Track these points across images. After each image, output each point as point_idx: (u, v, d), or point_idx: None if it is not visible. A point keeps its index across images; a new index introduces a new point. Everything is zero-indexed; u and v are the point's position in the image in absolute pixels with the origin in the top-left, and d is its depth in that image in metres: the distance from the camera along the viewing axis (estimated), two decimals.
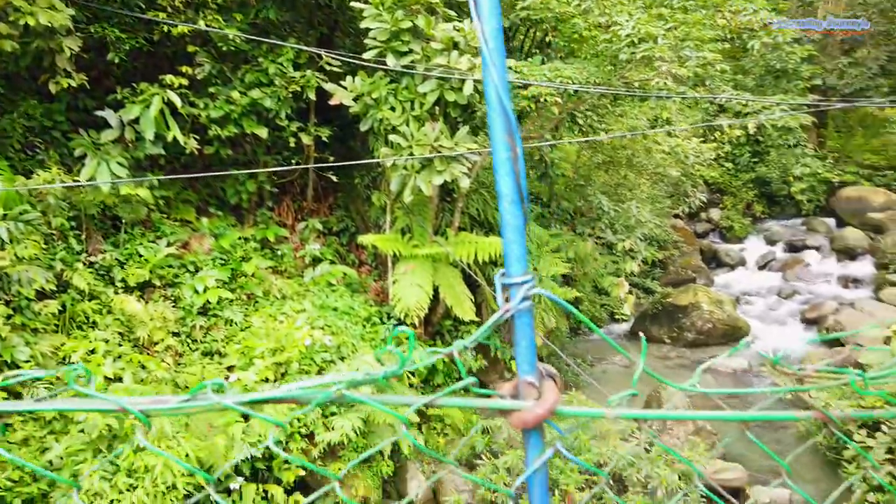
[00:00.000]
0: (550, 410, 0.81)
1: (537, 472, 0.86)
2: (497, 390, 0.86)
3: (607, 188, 12.57)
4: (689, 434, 7.51)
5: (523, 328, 0.84)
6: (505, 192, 0.82)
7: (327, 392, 0.76)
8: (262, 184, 8.37)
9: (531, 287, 0.83)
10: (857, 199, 15.34)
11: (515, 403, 0.84)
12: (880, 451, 6.42)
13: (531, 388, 0.84)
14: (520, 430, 0.85)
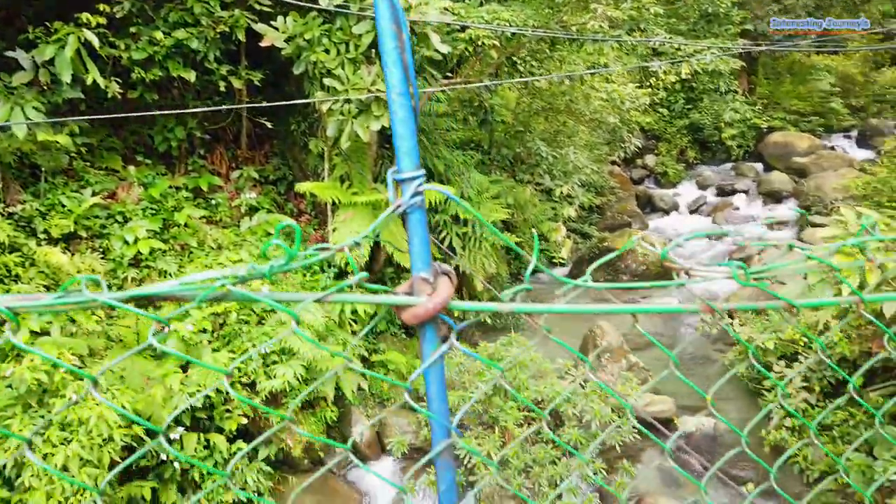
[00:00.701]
0: (442, 304, 0.83)
1: (433, 367, 0.89)
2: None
3: (546, 135, 12.65)
4: (622, 370, 7.85)
5: (416, 225, 0.85)
6: (393, 84, 0.82)
7: (211, 288, 0.75)
8: (191, 130, 8.05)
9: (422, 183, 0.83)
10: (783, 145, 15.95)
11: (408, 299, 0.85)
12: (797, 380, 6.88)
13: (425, 284, 0.85)
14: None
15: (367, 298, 0.85)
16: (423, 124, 9.43)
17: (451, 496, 0.88)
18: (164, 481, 5.29)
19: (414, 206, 0.83)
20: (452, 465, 0.89)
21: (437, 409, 0.91)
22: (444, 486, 0.87)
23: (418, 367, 4.21)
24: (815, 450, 6.25)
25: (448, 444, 0.90)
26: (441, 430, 0.91)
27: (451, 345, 0.90)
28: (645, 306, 0.95)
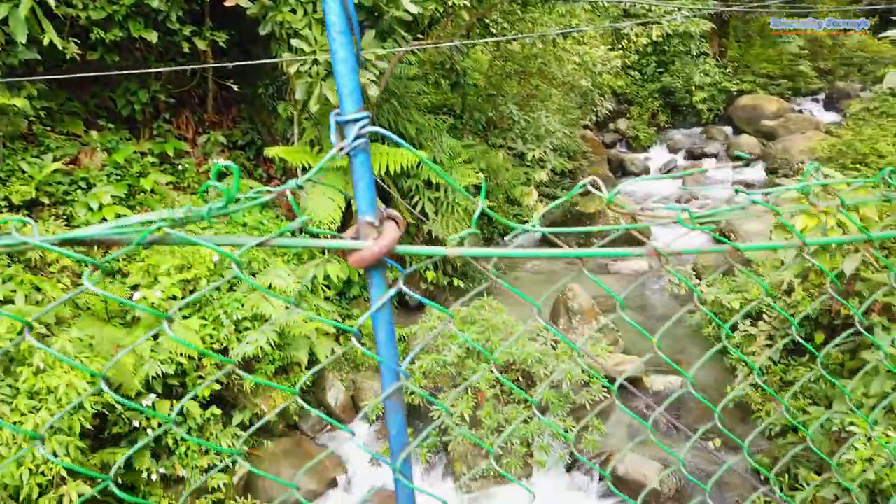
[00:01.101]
0: (387, 248, 0.83)
1: (381, 311, 0.90)
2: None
3: (519, 99, 12.58)
4: (592, 331, 7.98)
5: (360, 168, 0.85)
6: (333, 21, 0.80)
7: (147, 230, 0.75)
8: (156, 94, 7.84)
9: (365, 124, 0.83)
10: (752, 108, 16.09)
11: (353, 243, 0.86)
12: (761, 338, 7.07)
13: (371, 228, 0.86)
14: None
15: (311, 243, 0.85)
16: (394, 87, 9.30)
17: (401, 439, 0.90)
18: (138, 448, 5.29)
19: (358, 148, 0.83)
20: (402, 408, 0.91)
21: (385, 354, 0.92)
22: (395, 429, 0.89)
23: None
24: (777, 405, 6.46)
25: (397, 387, 0.92)
26: (390, 374, 0.92)
27: (398, 289, 0.90)
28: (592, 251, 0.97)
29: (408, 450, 0.91)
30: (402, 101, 9.42)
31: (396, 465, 0.91)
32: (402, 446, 0.90)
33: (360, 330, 3.58)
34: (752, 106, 16.18)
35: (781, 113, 15.64)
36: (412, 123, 9.36)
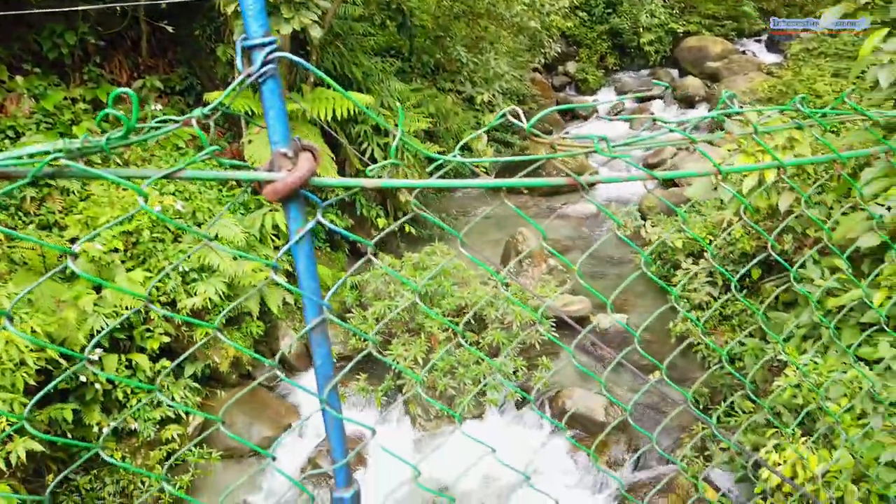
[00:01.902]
0: (302, 179, 0.83)
1: (300, 245, 0.90)
2: None
3: (468, 41, 12.36)
4: (542, 273, 8.14)
5: (269, 96, 0.83)
6: None
7: (43, 162, 0.73)
8: (84, 36, 7.41)
9: (273, 49, 0.81)
10: (697, 49, 16.22)
11: (267, 175, 0.85)
12: (703, 276, 7.33)
13: (285, 160, 0.85)
14: None
15: (224, 174, 0.84)
16: (339, 28, 9.02)
17: (326, 371, 0.91)
18: (87, 403, 5.22)
19: (266, 75, 0.80)
20: (326, 340, 0.92)
21: (306, 287, 0.93)
22: (320, 360, 0.90)
23: (340, 278, 4.30)
24: (716, 338, 6.77)
25: (320, 320, 0.93)
26: (312, 307, 0.93)
27: (316, 221, 0.90)
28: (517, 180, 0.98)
29: (333, 381, 0.93)
30: (347, 43, 9.15)
31: (323, 395, 0.93)
32: (327, 378, 0.92)
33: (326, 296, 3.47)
34: (697, 48, 16.31)
35: (725, 54, 15.82)
36: (358, 67, 9.13)
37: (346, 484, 0.98)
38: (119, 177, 0.76)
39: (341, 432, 0.96)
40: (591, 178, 1.05)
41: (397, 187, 0.96)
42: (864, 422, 3.82)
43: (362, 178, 0.89)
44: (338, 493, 0.97)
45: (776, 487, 3.76)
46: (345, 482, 0.98)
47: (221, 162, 0.82)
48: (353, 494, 0.97)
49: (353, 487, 0.98)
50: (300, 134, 7.72)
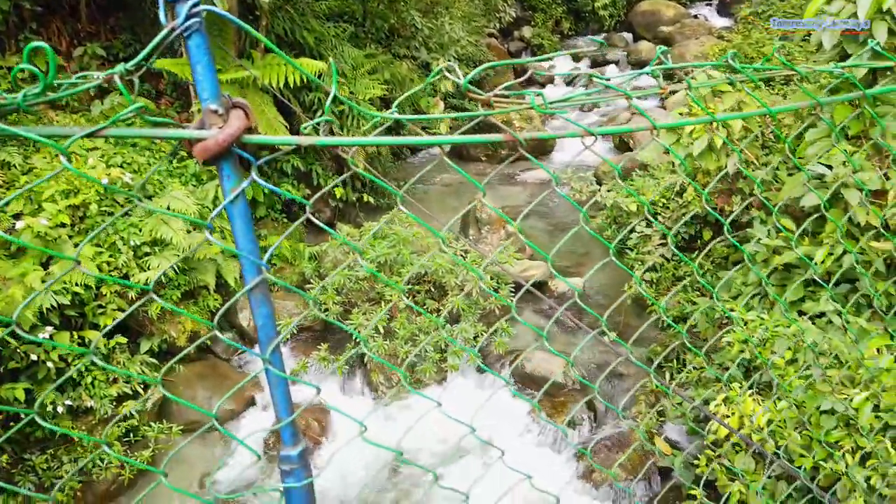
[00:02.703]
0: (232, 137, 0.82)
1: (235, 204, 0.89)
2: None
3: (422, 4, 12.17)
4: (500, 240, 8.20)
5: (196, 51, 0.81)
6: None
7: None
8: (19, 1, 7.05)
9: (198, 3, 0.79)
10: (651, 14, 16.31)
11: (197, 132, 0.83)
12: (655, 238, 7.49)
13: (215, 117, 0.83)
14: None
15: (150, 132, 0.82)
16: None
17: (268, 331, 0.91)
18: (39, 381, 5.11)
19: (191, 29, 0.78)
20: (267, 300, 0.92)
21: (244, 247, 0.93)
22: (261, 320, 0.90)
23: (298, 250, 4.23)
24: (669, 298, 6.95)
25: (260, 279, 0.93)
26: (251, 268, 0.93)
27: (251, 180, 0.89)
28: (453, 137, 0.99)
29: (276, 341, 0.93)
30: (298, 7, 8.92)
31: (266, 355, 0.93)
32: (269, 338, 0.92)
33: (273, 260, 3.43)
34: (650, 12, 16.40)
35: (678, 18, 15.95)
36: (310, 32, 8.92)
37: (292, 442, 0.99)
38: (40, 135, 0.73)
39: (285, 391, 0.97)
40: (527, 135, 1.06)
41: (333, 145, 0.95)
42: (806, 373, 4.00)
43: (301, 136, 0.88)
44: (285, 451, 0.98)
45: (725, 438, 3.92)
46: (291, 440, 0.99)
47: (148, 119, 0.80)
48: (300, 452, 0.98)
49: (300, 445, 0.99)
50: (252, 102, 7.54)
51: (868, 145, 4.55)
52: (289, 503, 0.94)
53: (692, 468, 4.37)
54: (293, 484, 0.95)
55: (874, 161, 4.39)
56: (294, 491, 0.94)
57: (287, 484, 0.94)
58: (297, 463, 0.96)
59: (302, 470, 0.96)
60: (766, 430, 3.79)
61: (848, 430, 3.50)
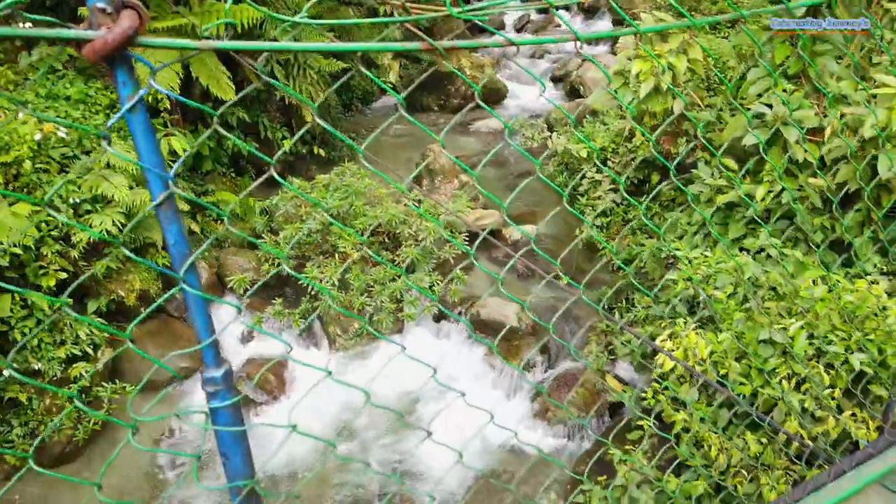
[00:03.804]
0: (124, 36, 0.78)
1: (135, 114, 0.86)
2: None
3: None
4: (454, 189, 8.19)
5: None
6: None
7: None
8: None
9: None
10: None
11: (85, 33, 0.80)
12: (606, 183, 7.58)
13: (104, 17, 0.80)
14: None
15: (33, 32, 0.78)
16: None
17: (181, 248, 0.89)
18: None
19: None
20: (176, 216, 0.90)
21: (147, 160, 0.90)
22: (173, 238, 0.88)
23: (248, 205, 4.12)
24: (619, 241, 7.09)
25: (167, 195, 0.90)
26: (157, 182, 0.90)
27: (149, 86, 0.86)
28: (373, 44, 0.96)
29: (191, 259, 0.91)
30: None
31: (180, 274, 0.91)
32: (183, 255, 0.90)
33: (220, 206, 3.39)
34: None
35: None
36: None
37: (215, 364, 0.98)
38: None
39: (204, 311, 0.95)
40: (447, 44, 1.04)
41: (235, 49, 0.92)
42: (746, 306, 4.16)
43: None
44: (208, 373, 0.97)
45: (670, 371, 4.07)
46: (214, 362, 0.98)
47: (30, 17, 0.75)
48: (224, 373, 0.97)
49: (224, 366, 0.98)
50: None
51: (807, 84, 4.66)
52: (216, 424, 0.94)
53: (640, 402, 4.53)
54: (219, 404, 0.94)
55: (812, 100, 4.50)
56: (221, 412, 0.94)
57: (213, 405, 0.94)
58: (222, 384, 0.96)
59: (227, 391, 0.96)
60: (708, 361, 3.95)
61: (784, 358, 3.67)
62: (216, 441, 0.97)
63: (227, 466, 0.99)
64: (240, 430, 0.95)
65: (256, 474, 1.00)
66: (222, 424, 0.94)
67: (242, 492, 0.99)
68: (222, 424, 0.94)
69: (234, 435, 0.95)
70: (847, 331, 3.68)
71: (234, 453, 0.97)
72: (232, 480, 0.99)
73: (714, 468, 3.74)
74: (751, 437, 3.73)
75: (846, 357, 3.60)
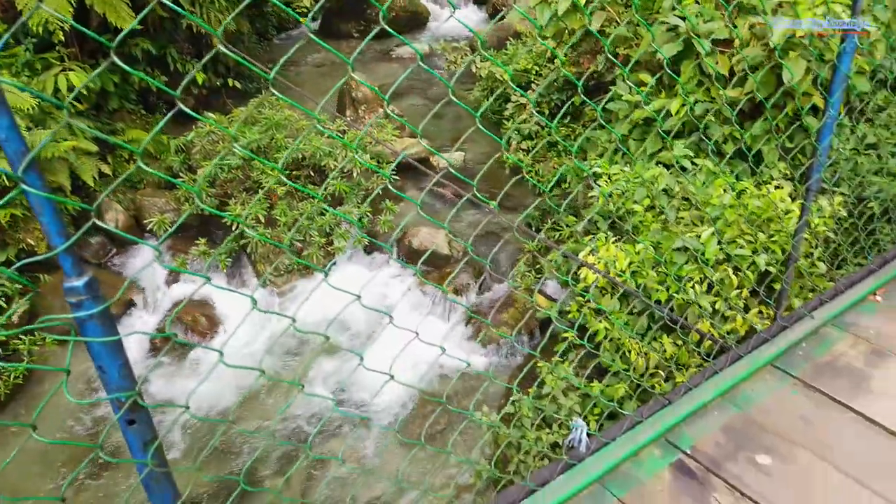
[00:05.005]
0: None
1: None
2: None
3: None
4: (379, 119, 8.01)
5: None
6: None
7: None
8: None
9: None
10: None
11: None
12: (530, 106, 7.57)
13: None
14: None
15: None
16: None
17: (14, 145, 0.82)
18: None
19: None
20: (4, 105, 0.82)
21: None
22: (4, 133, 0.81)
23: (164, 143, 3.88)
24: (544, 165, 7.16)
25: None
26: None
27: (37, 7, 0.77)
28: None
29: (29, 156, 0.84)
30: None
31: (18, 174, 0.84)
32: (18, 153, 0.83)
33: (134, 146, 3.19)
34: None
35: None
36: None
37: (75, 272, 0.93)
38: None
39: (53, 214, 0.90)
40: None
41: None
42: (662, 217, 4.30)
43: None
44: (68, 283, 0.92)
45: (593, 284, 4.20)
46: (73, 271, 0.93)
47: None
48: (86, 282, 0.93)
49: (85, 275, 0.93)
50: None
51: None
52: (85, 335, 0.89)
53: (566, 315, 4.69)
54: (83, 314, 0.90)
55: (722, 11, 4.55)
56: (88, 323, 0.90)
57: (78, 316, 0.89)
58: (85, 294, 0.91)
59: (92, 301, 0.91)
60: (627, 272, 4.09)
61: (697, 265, 3.84)
62: (89, 354, 0.93)
63: (104, 380, 0.96)
64: (111, 339, 0.91)
65: (137, 385, 0.97)
66: (91, 336, 0.90)
67: (124, 404, 0.96)
68: (91, 336, 0.90)
69: (107, 347, 0.91)
70: (753, 234, 3.87)
71: (110, 366, 0.94)
72: (111, 393, 0.95)
73: (634, 371, 3.94)
74: (667, 340, 3.93)
75: (752, 259, 3.80)
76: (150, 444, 1.07)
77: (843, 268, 4.22)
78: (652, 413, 1.98)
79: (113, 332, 0.92)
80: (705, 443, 1.97)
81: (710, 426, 2.03)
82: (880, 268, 2.61)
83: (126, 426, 1.02)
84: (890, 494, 1.83)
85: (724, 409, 2.08)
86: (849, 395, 2.11)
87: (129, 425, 1.02)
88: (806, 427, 2.02)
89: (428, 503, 4.45)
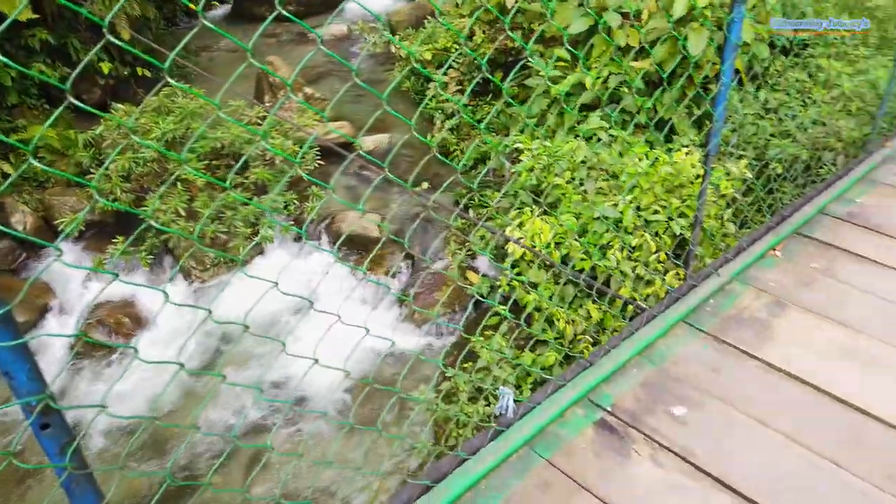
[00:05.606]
0: None
1: None
2: None
3: None
4: (299, 102, 7.87)
5: None
6: None
7: None
8: None
9: None
10: None
11: None
12: (452, 85, 7.60)
13: None
14: None
15: None
16: None
17: None
18: None
19: None
20: None
21: None
22: None
23: (70, 138, 3.72)
24: (469, 142, 7.22)
25: None
26: None
27: None
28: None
29: None
30: None
31: None
32: None
33: (38, 143, 3.01)
34: None
35: None
36: None
37: None
38: None
39: None
40: None
41: None
42: (583, 188, 4.43)
43: None
44: None
45: (520, 258, 4.31)
46: None
47: None
48: None
49: None
50: None
51: None
52: None
53: (496, 290, 4.79)
54: None
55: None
56: None
57: None
58: None
59: None
60: (552, 244, 4.21)
61: (617, 232, 3.99)
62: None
63: (13, 386, 0.93)
64: (16, 343, 0.89)
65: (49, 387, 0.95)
66: None
67: (35, 408, 0.94)
68: None
69: (12, 351, 0.89)
70: (668, 200, 4.05)
71: (18, 370, 0.91)
72: (21, 398, 0.93)
73: (564, 339, 4.08)
74: (592, 306, 4.08)
75: (668, 224, 3.98)
76: (68, 446, 1.05)
77: (750, 227, 4.48)
78: (574, 375, 2.08)
79: (17, 335, 0.90)
80: (625, 399, 2.08)
81: (630, 383, 2.14)
82: (778, 224, 2.80)
83: (40, 431, 1.00)
84: (788, 430, 1.99)
85: (642, 366, 2.20)
86: (753, 344, 2.27)
87: (42, 430, 1.00)
88: (715, 377, 2.16)
89: (365, 483, 4.49)
